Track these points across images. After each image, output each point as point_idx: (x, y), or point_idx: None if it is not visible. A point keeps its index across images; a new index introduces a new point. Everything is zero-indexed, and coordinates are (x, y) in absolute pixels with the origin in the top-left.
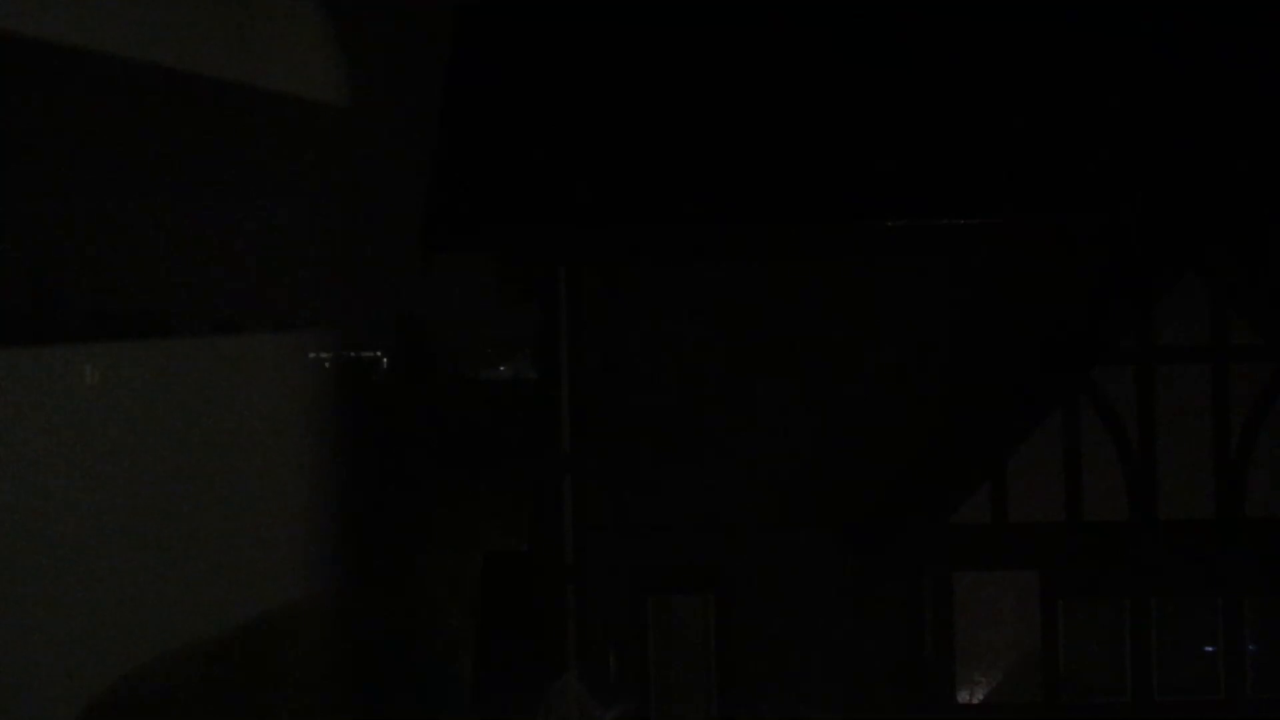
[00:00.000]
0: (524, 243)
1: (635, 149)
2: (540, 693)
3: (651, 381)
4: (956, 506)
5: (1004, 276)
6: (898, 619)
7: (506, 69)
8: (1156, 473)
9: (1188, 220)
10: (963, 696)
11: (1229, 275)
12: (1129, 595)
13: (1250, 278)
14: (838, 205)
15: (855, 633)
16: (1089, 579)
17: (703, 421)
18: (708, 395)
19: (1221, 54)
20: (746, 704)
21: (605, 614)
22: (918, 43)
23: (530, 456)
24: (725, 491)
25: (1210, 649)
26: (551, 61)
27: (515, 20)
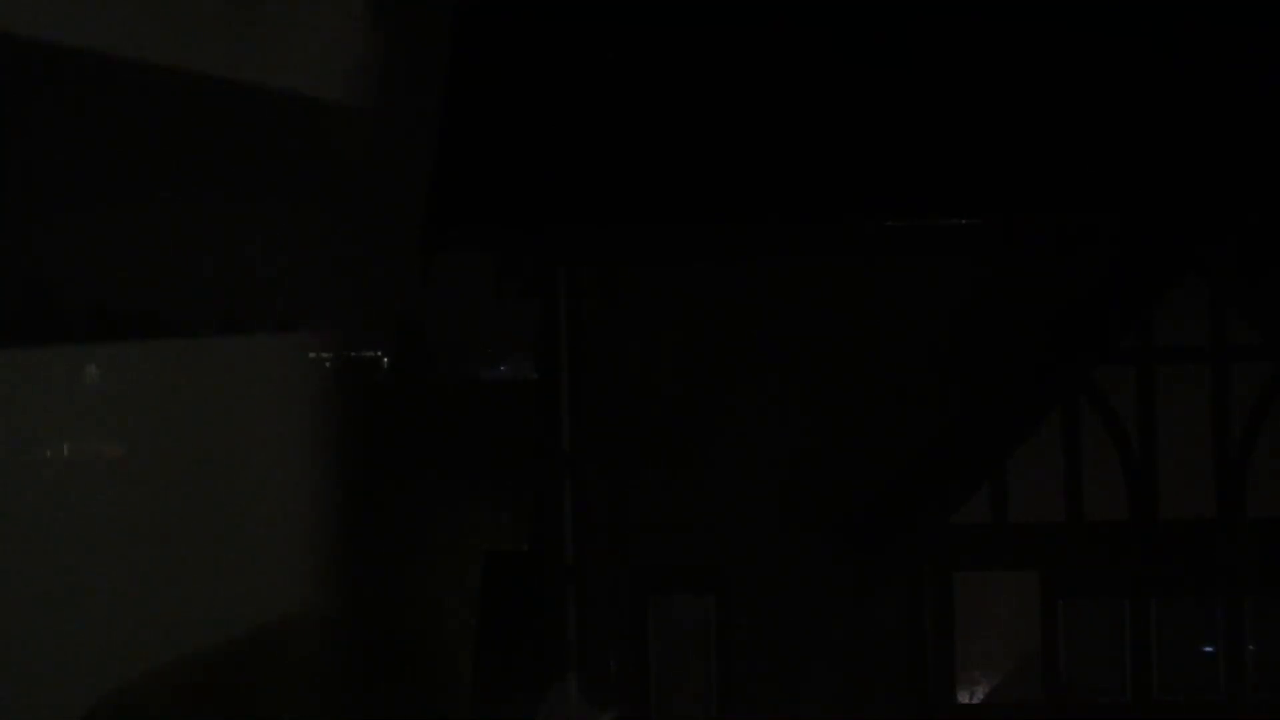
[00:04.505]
0: (524, 243)
1: (635, 149)
2: (540, 693)
3: (651, 381)
4: (956, 506)
5: (1004, 276)
6: (898, 619)
7: (506, 69)
8: (1156, 473)
9: (1188, 220)
10: (963, 696)
11: (1229, 275)
12: (1129, 595)
13: (1250, 278)
14: (838, 205)
15: (855, 633)
16: (1089, 579)
17: (703, 421)
18: (708, 395)
19: (1221, 54)
20: (746, 704)
21: (605, 614)
22: (918, 42)
23: (530, 456)
24: (725, 491)
25: (1210, 649)
26: (551, 61)
27: (515, 20)
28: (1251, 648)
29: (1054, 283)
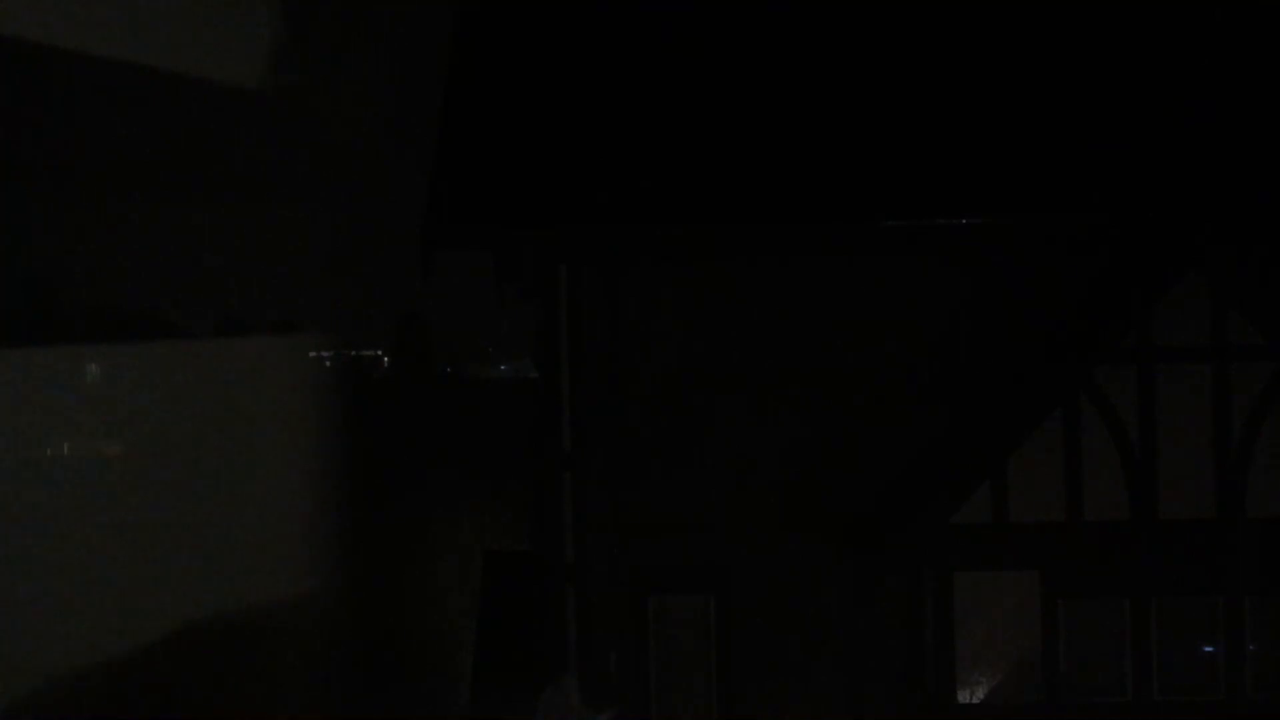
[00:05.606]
0: (524, 242)
1: (636, 148)
2: (540, 693)
3: (652, 381)
4: (957, 506)
5: (1004, 276)
6: (898, 619)
7: (506, 68)
8: (1156, 473)
9: (1188, 220)
10: (963, 696)
11: (1229, 275)
12: (1129, 595)
13: (1250, 278)
14: (838, 205)
15: (856, 633)
16: (1089, 579)
17: (703, 421)
18: (708, 395)
19: (1222, 54)
20: (746, 704)
21: (605, 614)
22: (919, 42)
23: (530, 456)
24: (725, 491)
25: (1210, 649)
26: (552, 60)
27: (515, 20)
28: (1252, 648)
29: (1054, 283)
